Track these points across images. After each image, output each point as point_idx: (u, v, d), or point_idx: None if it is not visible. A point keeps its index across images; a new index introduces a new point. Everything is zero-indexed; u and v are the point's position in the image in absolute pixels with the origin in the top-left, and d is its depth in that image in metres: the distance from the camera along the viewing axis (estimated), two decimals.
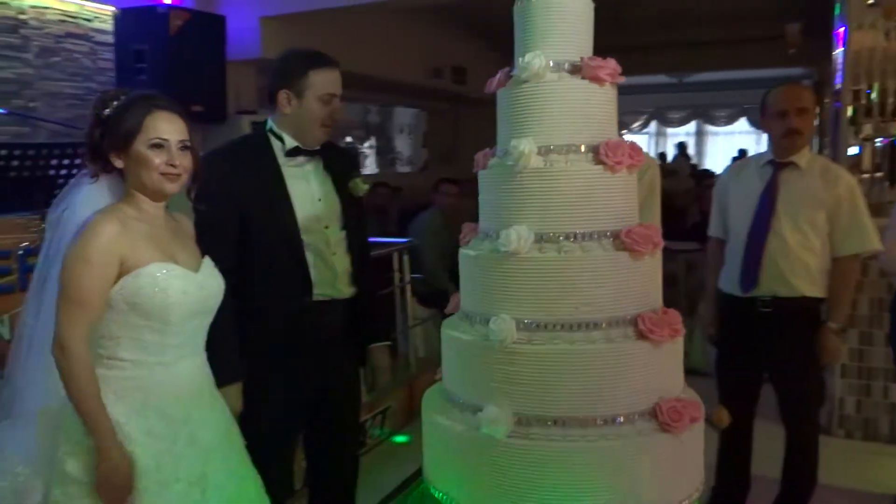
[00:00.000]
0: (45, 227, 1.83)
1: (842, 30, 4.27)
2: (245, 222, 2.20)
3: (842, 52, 4.27)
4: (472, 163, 1.79)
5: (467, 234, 1.78)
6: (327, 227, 2.31)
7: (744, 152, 10.99)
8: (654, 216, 2.77)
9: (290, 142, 2.27)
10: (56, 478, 1.69)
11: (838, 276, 2.81)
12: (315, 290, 2.26)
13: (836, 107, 4.39)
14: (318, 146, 2.32)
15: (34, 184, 3.05)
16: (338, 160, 2.40)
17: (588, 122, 1.63)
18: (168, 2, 4.64)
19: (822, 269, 2.81)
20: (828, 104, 5.43)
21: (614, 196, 1.61)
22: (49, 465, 1.71)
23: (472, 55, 8.16)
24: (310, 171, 2.32)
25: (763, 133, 3.04)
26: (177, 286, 1.74)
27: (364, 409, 3.88)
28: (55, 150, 3.21)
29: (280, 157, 2.27)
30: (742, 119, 13.38)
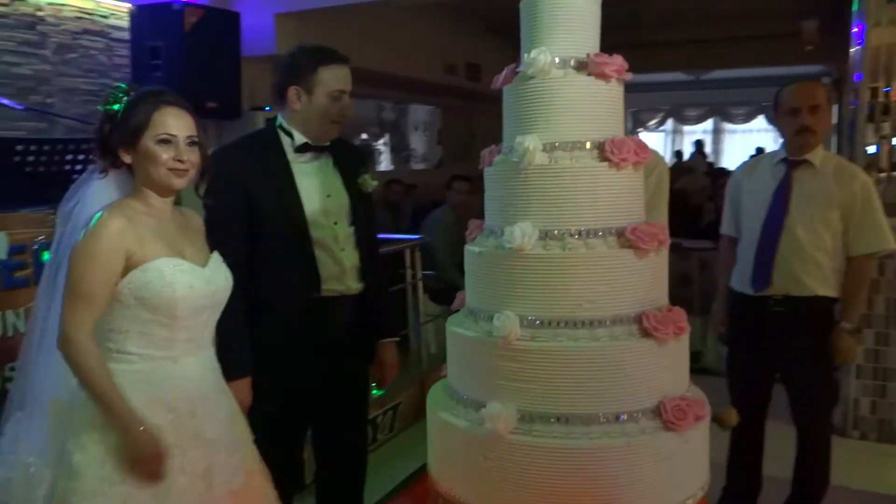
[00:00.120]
0: (56, 222, 1.84)
1: (859, 26, 4.21)
2: (254, 217, 2.21)
3: (859, 49, 4.22)
4: None
5: (473, 231, 1.78)
6: (336, 222, 2.32)
7: (761, 150, 10.87)
8: (661, 214, 2.76)
9: (299, 138, 2.28)
10: (62, 470, 1.70)
11: (852, 275, 2.78)
12: (323, 285, 2.27)
13: (853, 104, 4.34)
14: (327, 142, 2.33)
15: (50, 179, 3.08)
16: (347, 156, 2.40)
17: (594, 118, 1.62)
18: None
19: (836, 269, 2.78)
20: (847, 102, 5.37)
21: (619, 193, 1.60)
22: (58, 457, 1.73)
23: (486, 52, 8.14)
24: (319, 167, 2.33)
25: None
26: (184, 281, 1.75)
27: (375, 405, 3.89)
28: (70, 146, 3.25)
29: (289, 152, 2.28)
30: (760, 117, 13.24)
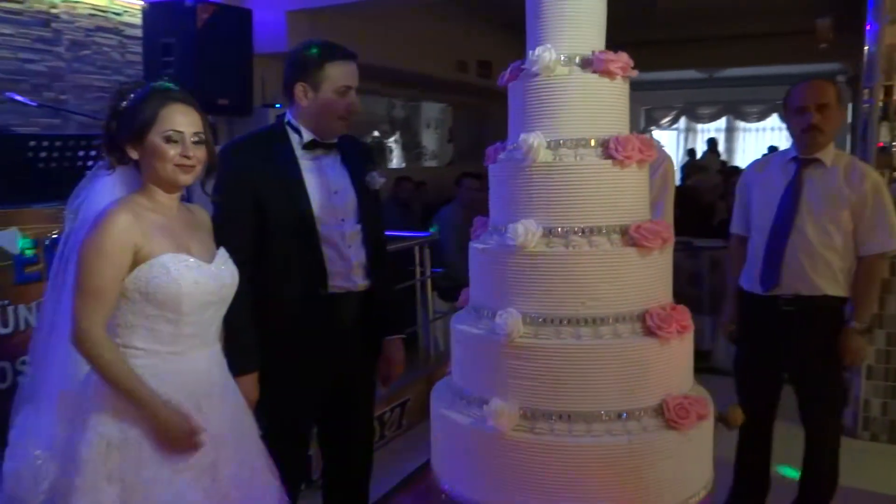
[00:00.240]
0: (65, 218, 1.86)
1: (874, 25, 4.17)
2: (261, 214, 2.22)
3: (874, 47, 4.18)
4: None
5: (478, 228, 1.78)
6: (343, 219, 2.32)
7: (774, 149, 10.81)
8: (666, 212, 2.75)
9: (307, 134, 2.29)
10: (67, 465, 1.72)
11: (862, 275, 2.76)
12: (330, 282, 2.28)
13: (867, 103, 4.30)
14: (335, 139, 2.33)
15: (62, 175, 3.10)
16: (355, 153, 2.41)
17: (598, 116, 1.62)
18: None
19: (846, 268, 2.76)
20: (861, 100, 5.31)
21: (623, 191, 1.60)
22: (64, 451, 1.75)
23: (497, 49, 8.12)
24: (327, 164, 2.33)
25: None
26: (189, 277, 1.76)
27: (383, 402, 3.90)
28: (82, 142, 3.27)
29: (297, 149, 2.29)
30: (774, 115, 13.14)
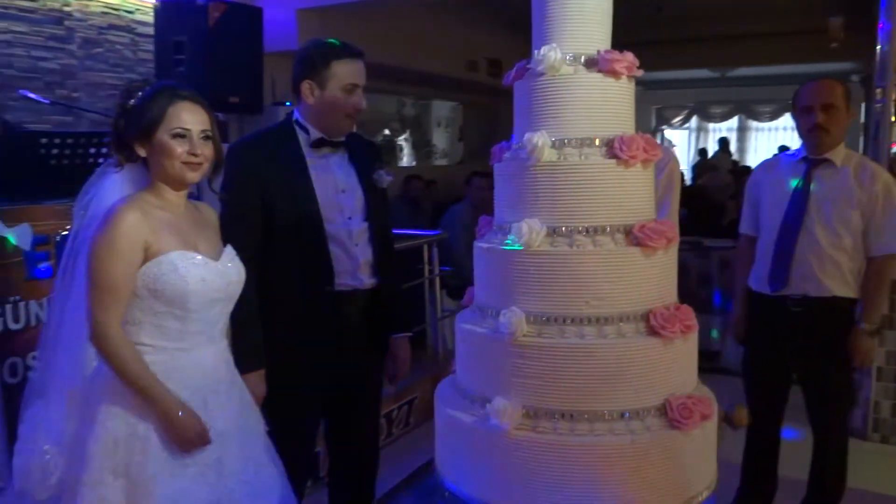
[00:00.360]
0: (73, 215, 1.88)
1: (886, 24, 4.14)
2: (269, 212, 2.23)
3: (886, 46, 4.15)
4: None
5: (483, 228, 1.78)
6: (350, 217, 2.33)
7: (784, 149, 10.74)
8: (671, 212, 2.75)
9: (314, 133, 2.30)
10: (75, 458, 1.74)
11: (872, 276, 2.74)
12: (337, 280, 2.28)
13: (879, 103, 4.27)
14: (342, 137, 2.34)
15: (74, 172, 3.13)
16: (362, 151, 2.42)
17: (604, 115, 1.61)
18: None
19: (855, 269, 2.74)
20: (874, 100, 5.27)
21: (628, 190, 1.59)
22: (72, 445, 1.77)
23: (507, 47, 8.12)
24: (334, 162, 2.34)
25: None
26: (196, 274, 1.77)
27: (390, 400, 3.92)
28: (94, 139, 3.29)
29: (305, 147, 2.30)
30: (787, 115, 13.07)
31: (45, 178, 3.09)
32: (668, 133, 14.91)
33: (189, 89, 1.83)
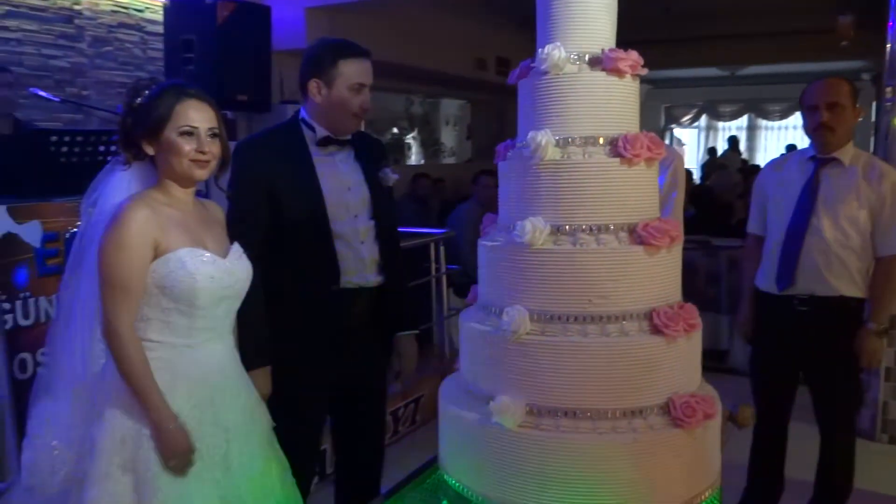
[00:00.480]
0: (80, 212, 1.89)
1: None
2: (275, 210, 2.24)
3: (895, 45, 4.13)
4: None
5: (487, 226, 1.78)
6: (356, 216, 2.34)
7: (792, 148, 10.70)
8: (676, 210, 2.74)
9: (321, 131, 2.31)
10: (83, 454, 1.76)
11: (880, 276, 2.74)
12: (343, 277, 2.29)
13: (889, 101, 4.24)
14: (348, 135, 2.35)
15: (84, 169, 3.16)
16: (368, 150, 2.43)
17: (607, 114, 1.61)
18: None
19: (864, 269, 2.74)
20: (883, 99, 5.24)
21: (632, 189, 1.59)
22: (80, 441, 1.79)
23: (516, 45, 8.11)
24: (340, 161, 2.35)
25: None
26: (205, 271, 1.78)
27: (397, 398, 3.93)
28: (103, 137, 3.32)
29: (311, 145, 2.31)
30: (797, 114, 12.98)
31: (55, 175, 3.13)
32: (678, 132, 14.86)
33: (196, 87, 1.84)
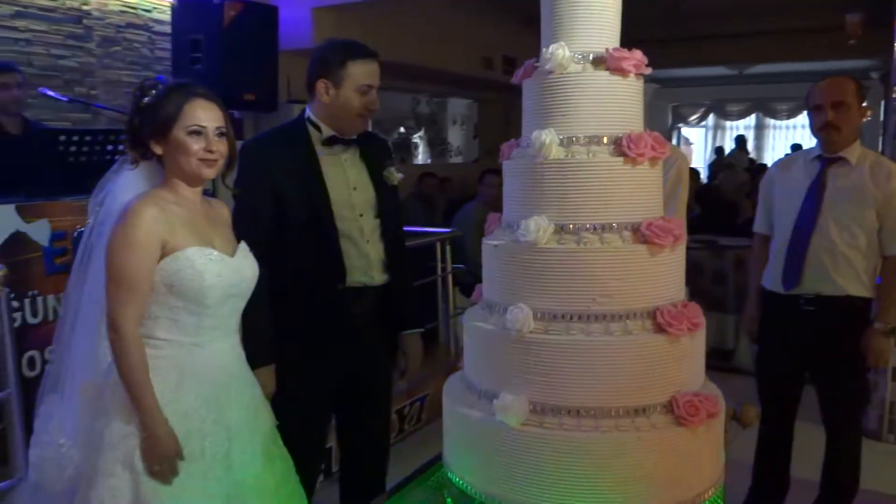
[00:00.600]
0: (88, 211, 1.91)
1: None
2: (280, 209, 2.25)
3: None
4: None
5: (492, 225, 1.79)
6: (362, 214, 2.35)
7: (798, 147, 10.63)
8: (679, 210, 2.75)
9: (327, 131, 2.32)
10: (91, 448, 1.77)
11: (887, 275, 2.73)
12: (348, 276, 2.30)
13: (894, 100, 4.23)
14: (354, 135, 2.36)
15: (92, 168, 3.18)
16: (374, 149, 2.44)
17: (611, 113, 1.61)
18: None
19: (870, 268, 2.73)
20: (892, 97, 5.22)
21: (636, 188, 1.59)
22: (87, 438, 1.80)
23: (523, 45, 8.06)
24: (346, 160, 2.36)
25: None
26: (212, 270, 1.80)
27: (403, 396, 3.94)
28: (111, 136, 3.35)
29: (317, 145, 2.32)
30: (804, 113, 12.86)
31: (63, 174, 3.15)
32: (685, 131, 14.81)
33: (202, 86, 1.85)
